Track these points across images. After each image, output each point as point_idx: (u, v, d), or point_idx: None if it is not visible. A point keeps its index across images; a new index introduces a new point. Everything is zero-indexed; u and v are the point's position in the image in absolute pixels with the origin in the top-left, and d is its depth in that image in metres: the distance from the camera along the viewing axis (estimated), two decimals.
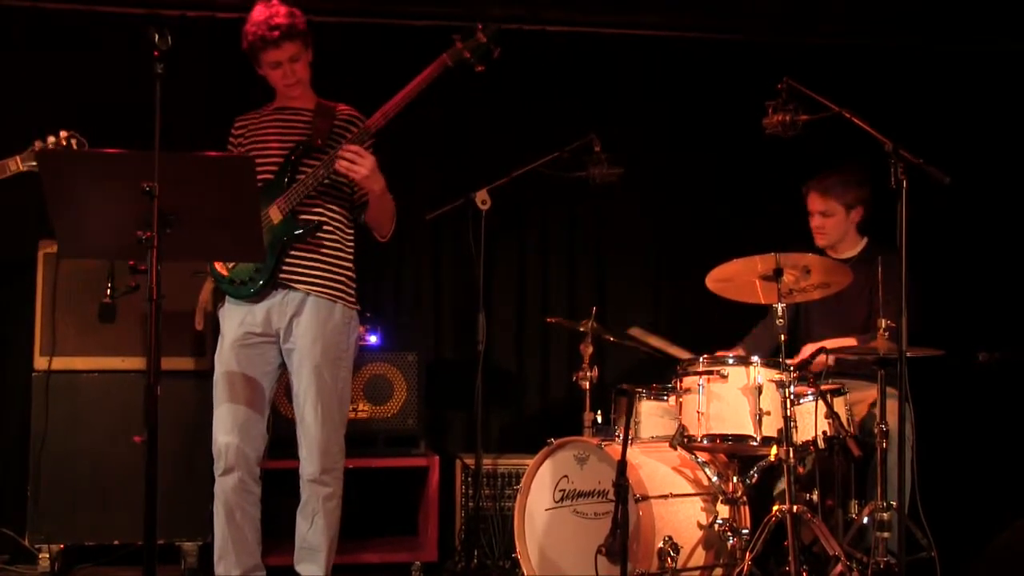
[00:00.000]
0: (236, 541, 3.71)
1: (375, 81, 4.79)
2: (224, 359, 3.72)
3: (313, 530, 3.75)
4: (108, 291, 4.32)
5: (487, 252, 4.41)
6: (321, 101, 3.86)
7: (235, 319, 3.74)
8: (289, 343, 3.73)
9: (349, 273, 3.82)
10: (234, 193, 3.03)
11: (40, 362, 4.42)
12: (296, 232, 3.67)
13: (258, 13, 3.70)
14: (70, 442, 4.40)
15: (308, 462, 3.73)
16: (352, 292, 3.82)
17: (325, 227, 3.72)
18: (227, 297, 3.78)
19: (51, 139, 4.04)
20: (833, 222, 4.47)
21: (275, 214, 3.65)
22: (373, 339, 4.71)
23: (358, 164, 3.59)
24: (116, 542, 4.44)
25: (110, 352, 4.46)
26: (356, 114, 3.84)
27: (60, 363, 4.41)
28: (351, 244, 3.84)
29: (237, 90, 4.94)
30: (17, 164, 3.99)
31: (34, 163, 3.84)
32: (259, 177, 3.70)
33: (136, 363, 4.43)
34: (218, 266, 3.75)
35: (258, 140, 3.81)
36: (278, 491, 3.98)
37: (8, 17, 4.89)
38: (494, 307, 5.14)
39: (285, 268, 3.69)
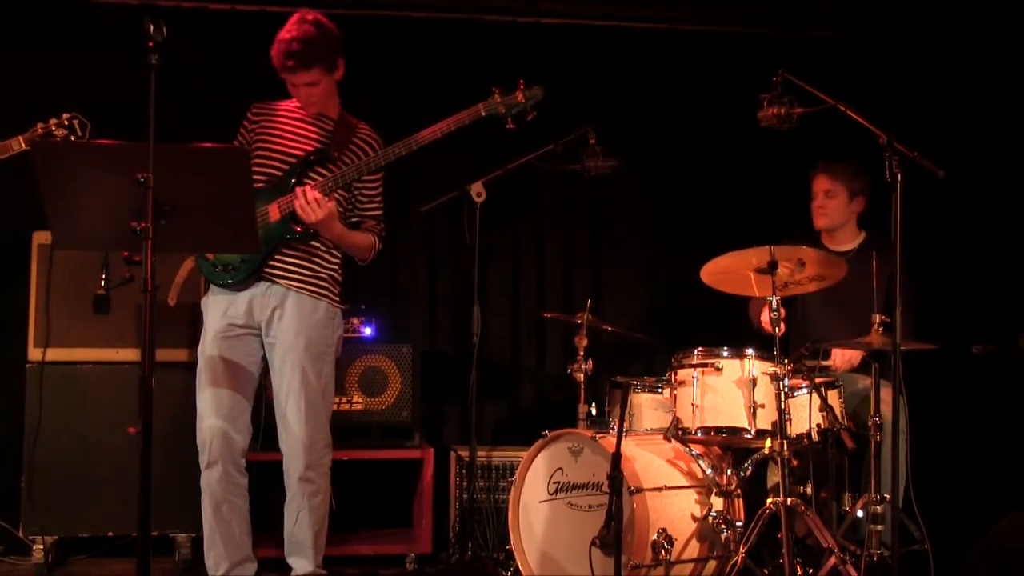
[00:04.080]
0: (223, 534, 3.71)
1: (375, 74, 4.81)
2: (207, 349, 3.70)
3: (299, 526, 3.75)
4: (102, 282, 4.34)
5: (482, 244, 4.41)
6: (345, 114, 3.86)
7: (218, 310, 3.73)
8: (271, 337, 3.72)
9: (334, 273, 3.82)
10: (229, 185, 3.02)
11: (34, 353, 4.41)
12: (290, 237, 3.67)
13: (285, 30, 3.65)
14: (64, 433, 4.39)
15: (292, 459, 3.73)
16: (336, 291, 3.82)
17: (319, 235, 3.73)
18: (210, 288, 3.77)
19: (53, 121, 4.06)
20: (835, 204, 4.55)
21: (274, 212, 3.65)
22: (368, 331, 4.71)
23: (310, 211, 3.58)
24: (110, 533, 4.44)
25: (104, 343, 4.45)
26: (375, 136, 3.85)
27: (54, 354, 4.41)
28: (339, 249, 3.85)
29: (234, 81, 4.95)
30: (20, 144, 4.03)
31: None
32: (264, 170, 3.73)
33: (130, 354, 4.43)
34: None
35: (272, 133, 3.79)
36: (270, 483, 3.97)
37: (5, 7, 4.88)
38: (489, 299, 5.14)
39: (271, 264, 3.69)
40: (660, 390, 4.20)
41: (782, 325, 3.81)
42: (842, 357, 4.38)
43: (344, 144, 3.77)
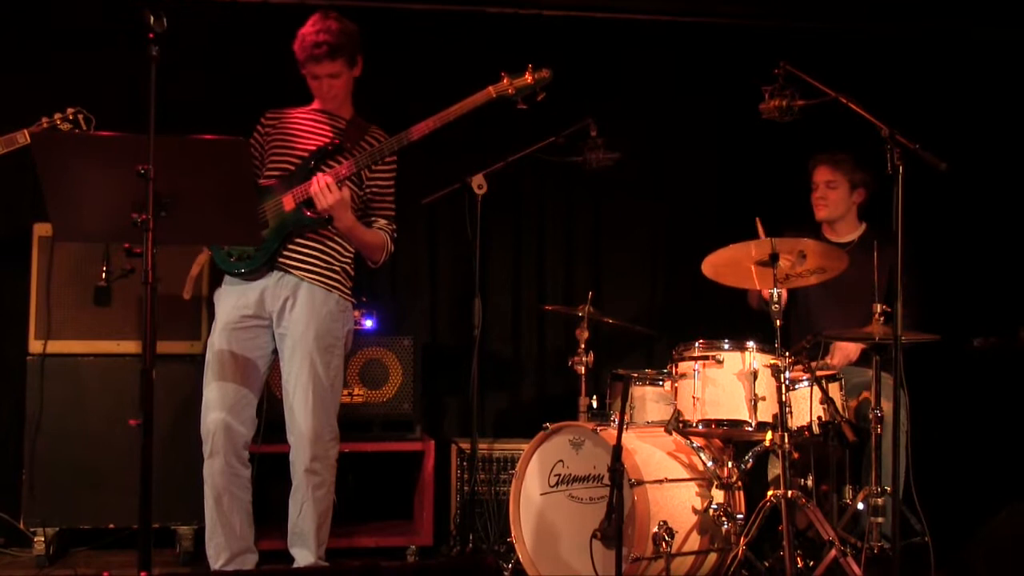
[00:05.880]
0: (224, 525, 3.72)
1: (375, 68, 4.76)
2: (217, 340, 3.72)
3: (302, 517, 3.76)
4: (103, 274, 4.34)
5: (483, 237, 4.40)
6: (358, 117, 3.90)
7: (230, 301, 3.74)
8: (282, 328, 3.73)
9: (347, 266, 3.84)
10: (229, 176, 3.03)
11: (35, 346, 4.41)
12: (303, 223, 3.68)
13: (309, 24, 3.74)
14: (65, 426, 4.40)
15: (298, 451, 3.73)
16: (349, 285, 3.84)
17: (332, 224, 3.73)
18: (224, 279, 3.78)
19: (58, 115, 4.07)
20: (836, 195, 4.58)
21: (288, 202, 3.67)
22: (369, 323, 4.71)
23: (322, 196, 3.61)
24: (111, 526, 4.45)
25: (105, 336, 4.45)
26: (387, 137, 3.86)
27: (55, 347, 4.41)
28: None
29: (238, 75, 4.95)
30: (25, 137, 4.05)
31: None
32: (279, 167, 3.77)
33: (131, 347, 4.43)
34: None
35: (287, 132, 3.83)
36: (273, 474, 3.98)
37: (7, 5, 4.87)
38: (490, 292, 5.14)
39: (285, 253, 3.70)
40: (661, 383, 4.20)
41: (783, 298, 3.82)
42: (840, 353, 4.38)
43: (356, 142, 3.80)
